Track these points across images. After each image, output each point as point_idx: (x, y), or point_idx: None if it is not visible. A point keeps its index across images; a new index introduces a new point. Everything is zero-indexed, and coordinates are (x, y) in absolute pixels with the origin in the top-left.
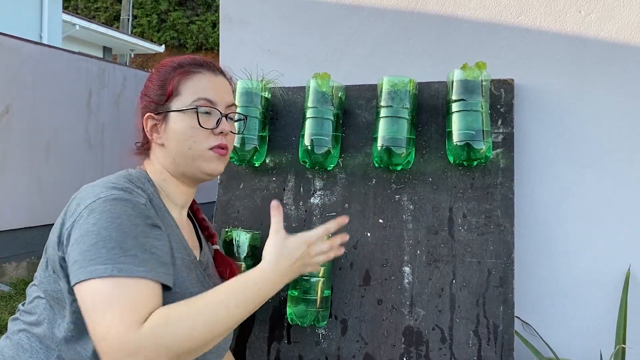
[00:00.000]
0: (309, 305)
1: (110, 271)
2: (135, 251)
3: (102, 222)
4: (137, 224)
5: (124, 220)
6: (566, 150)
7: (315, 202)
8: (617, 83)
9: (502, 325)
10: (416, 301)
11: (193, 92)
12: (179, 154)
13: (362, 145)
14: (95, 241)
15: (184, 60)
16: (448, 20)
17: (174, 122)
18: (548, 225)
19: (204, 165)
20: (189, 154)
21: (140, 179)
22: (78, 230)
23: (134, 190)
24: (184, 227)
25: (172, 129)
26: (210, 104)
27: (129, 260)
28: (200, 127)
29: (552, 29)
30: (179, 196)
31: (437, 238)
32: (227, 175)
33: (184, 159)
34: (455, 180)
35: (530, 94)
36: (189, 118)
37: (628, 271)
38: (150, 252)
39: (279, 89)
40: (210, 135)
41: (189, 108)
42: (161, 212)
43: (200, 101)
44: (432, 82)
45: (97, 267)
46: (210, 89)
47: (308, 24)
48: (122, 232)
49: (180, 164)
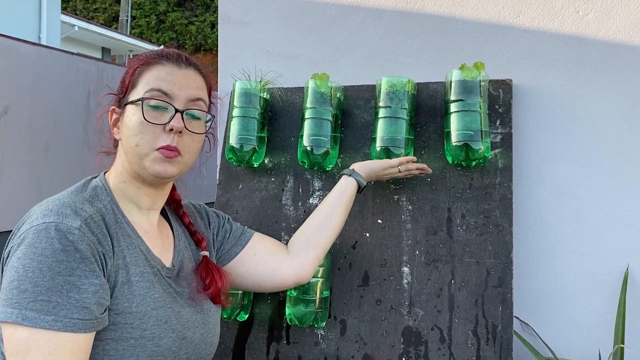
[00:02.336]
0: (308, 305)
1: (14, 317)
2: (49, 295)
3: (24, 259)
4: (60, 261)
5: (47, 256)
6: (565, 150)
7: (314, 202)
8: (615, 83)
9: (501, 325)
10: (415, 301)
11: (147, 83)
12: (128, 151)
13: (360, 145)
14: (13, 279)
15: (149, 52)
16: (446, 21)
17: (127, 115)
18: (547, 225)
19: (149, 165)
20: (135, 151)
21: (96, 189)
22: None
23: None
24: (151, 233)
25: (124, 123)
26: (164, 97)
27: (37, 307)
28: (147, 122)
29: (550, 29)
30: (142, 198)
31: (435, 238)
32: (225, 176)
33: (132, 156)
34: (453, 180)
35: (528, 94)
36: (139, 112)
37: (626, 271)
38: (67, 296)
39: (278, 89)
40: (161, 132)
41: (137, 100)
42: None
43: (152, 92)
44: (431, 83)
45: (5, 309)
46: (167, 80)
47: (307, 24)
48: (40, 271)
49: (131, 162)
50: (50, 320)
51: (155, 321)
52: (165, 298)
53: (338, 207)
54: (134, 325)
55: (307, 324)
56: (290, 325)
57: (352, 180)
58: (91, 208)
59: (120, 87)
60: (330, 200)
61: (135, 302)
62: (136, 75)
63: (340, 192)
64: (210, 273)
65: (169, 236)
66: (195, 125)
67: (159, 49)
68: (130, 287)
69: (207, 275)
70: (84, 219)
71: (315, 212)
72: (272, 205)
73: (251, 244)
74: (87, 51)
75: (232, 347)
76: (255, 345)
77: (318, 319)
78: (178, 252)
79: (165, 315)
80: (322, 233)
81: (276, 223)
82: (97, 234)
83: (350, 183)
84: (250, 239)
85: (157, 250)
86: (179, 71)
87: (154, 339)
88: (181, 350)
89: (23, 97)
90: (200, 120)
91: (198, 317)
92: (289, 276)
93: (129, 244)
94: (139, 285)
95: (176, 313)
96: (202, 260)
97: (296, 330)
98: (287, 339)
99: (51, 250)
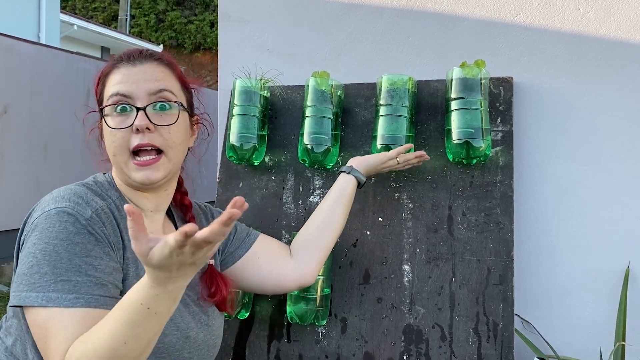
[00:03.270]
0: (309, 303)
1: (40, 300)
2: (68, 275)
3: (40, 243)
4: (75, 242)
5: (63, 239)
6: (565, 148)
7: (315, 200)
8: (616, 80)
9: (502, 323)
10: (416, 299)
11: (108, 91)
12: (112, 162)
13: (361, 143)
14: (32, 264)
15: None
16: (447, 19)
17: (104, 127)
18: (547, 222)
19: (131, 175)
20: (115, 161)
21: (104, 185)
22: (24, 248)
23: (89, 199)
24: (155, 232)
25: (104, 135)
26: (125, 99)
27: (59, 287)
28: (115, 130)
29: (550, 27)
30: (142, 201)
31: (436, 236)
32: (226, 174)
33: (116, 166)
34: (454, 178)
35: (529, 92)
36: (108, 119)
37: (627, 268)
38: (86, 274)
39: (278, 87)
40: (130, 135)
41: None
42: (124, 221)
43: (112, 98)
44: (431, 80)
45: (29, 294)
46: (123, 82)
47: (307, 22)
48: (57, 254)
49: (117, 171)
50: (72, 298)
51: None
52: None
53: (338, 207)
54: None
55: (308, 322)
56: (291, 323)
57: (351, 178)
58: (101, 201)
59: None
60: (330, 200)
61: None
62: (100, 87)
63: (340, 191)
64: (215, 282)
65: None
66: (165, 118)
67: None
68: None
69: (212, 284)
70: (95, 210)
71: (316, 213)
72: (273, 203)
73: (255, 247)
74: (87, 50)
75: (232, 345)
76: (256, 343)
77: (319, 317)
78: None
79: None
80: (323, 235)
81: (277, 221)
82: (105, 225)
83: (349, 181)
84: (255, 242)
85: None
86: (133, 69)
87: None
88: (184, 350)
89: (22, 96)
90: (170, 110)
91: (202, 318)
92: (291, 279)
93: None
94: None
95: (180, 312)
96: (207, 269)
97: (297, 328)
98: (287, 337)
99: (66, 233)
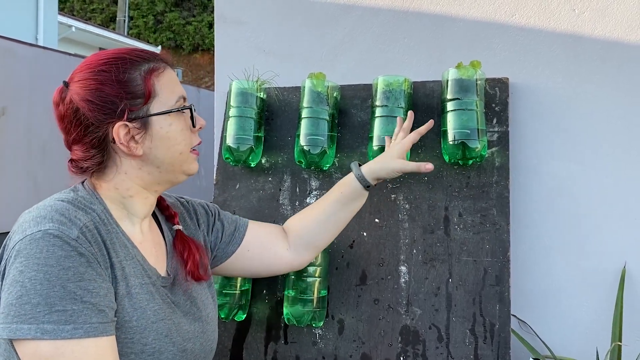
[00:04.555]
0: (306, 305)
1: (34, 333)
2: (63, 304)
3: (28, 271)
4: (66, 267)
5: (52, 265)
6: (562, 148)
7: (312, 201)
8: (612, 80)
9: (499, 323)
10: (413, 300)
11: (170, 91)
12: (167, 161)
13: (357, 145)
14: (21, 294)
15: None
16: (442, 19)
17: (159, 126)
18: (544, 223)
19: (189, 168)
20: (179, 159)
21: (86, 197)
22: (8, 274)
23: (72, 216)
24: (144, 241)
25: (159, 135)
26: (185, 102)
27: (54, 318)
28: (190, 129)
29: (546, 27)
30: (144, 208)
31: (433, 237)
32: (222, 176)
33: (173, 165)
34: (450, 179)
35: (525, 92)
36: (177, 120)
37: (624, 268)
38: (82, 301)
39: (274, 89)
40: (191, 134)
41: (175, 109)
42: (110, 236)
43: (181, 100)
44: (427, 82)
45: (21, 326)
46: (179, 84)
47: (303, 23)
48: (48, 282)
49: (167, 170)
50: (70, 329)
51: (155, 335)
52: (165, 309)
53: (341, 212)
54: (134, 340)
55: (305, 324)
56: (288, 325)
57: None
58: (85, 216)
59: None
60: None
61: (136, 316)
62: (150, 85)
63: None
64: (187, 246)
65: (161, 243)
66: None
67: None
68: (131, 300)
69: (183, 249)
70: (80, 228)
71: (320, 207)
72: (270, 205)
73: (245, 241)
74: (85, 52)
75: (229, 348)
76: (253, 345)
77: (316, 318)
78: (171, 258)
79: (166, 328)
80: (325, 233)
81: (273, 222)
82: (91, 244)
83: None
84: (244, 236)
85: (152, 260)
86: (173, 72)
87: (154, 354)
88: None
89: (20, 98)
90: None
91: (197, 327)
92: (284, 267)
93: (127, 255)
94: (139, 298)
95: (176, 325)
96: (177, 235)
97: (294, 330)
98: (284, 338)
99: (55, 258)
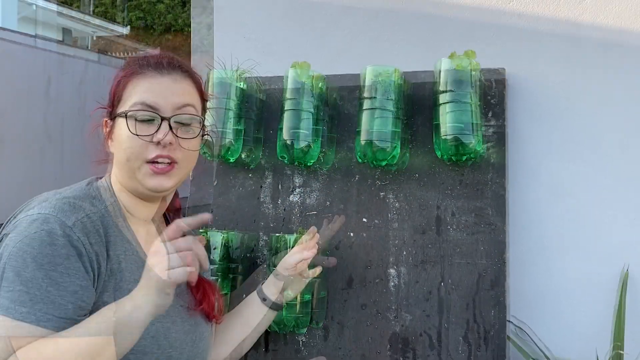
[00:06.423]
0: (288, 310)
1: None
2: (27, 286)
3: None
4: (45, 254)
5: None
6: (560, 145)
7: (295, 200)
8: (614, 72)
9: (494, 330)
10: (402, 305)
11: (131, 96)
12: (120, 165)
13: (344, 139)
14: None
15: (132, 60)
16: (435, 6)
17: (117, 128)
18: (542, 224)
19: (143, 180)
20: (127, 166)
21: (99, 189)
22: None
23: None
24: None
25: (116, 136)
26: (149, 109)
27: (15, 296)
28: (135, 135)
29: (545, 15)
30: (138, 210)
31: (424, 238)
32: (199, 172)
33: (125, 171)
34: (443, 176)
35: (522, 84)
36: (125, 125)
37: (626, 272)
38: (45, 290)
39: (256, 79)
40: (149, 144)
41: (123, 113)
42: (114, 230)
43: (136, 106)
44: (419, 72)
45: None
46: (149, 91)
47: (286, 10)
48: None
49: (127, 176)
50: (25, 312)
51: (143, 334)
52: None
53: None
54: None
55: (287, 330)
56: (269, 332)
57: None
58: (91, 207)
59: (109, 99)
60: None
61: None
62: (121, 87)
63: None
64: (202, 287)
65: None
66: (185, 131)
67: (144, 55)
68: (122, 294)
69: (197, 290)
70: (79, 218)
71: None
72: (250, 203)
73: None
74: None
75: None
76: None
77: (299, 324)
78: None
79: (154, 329)
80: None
81: (254, 222)
82: (88, 235)
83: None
84: None
85: None
86: (161, 79)
87: (138, 354)
88: None
89: None
90: (191, 125)
91: (187, 339)
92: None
93: (127, 250)
94: None
95: (165, 329)
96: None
97: (275, 337)
98: (265, 346)
99: (39, 241)
